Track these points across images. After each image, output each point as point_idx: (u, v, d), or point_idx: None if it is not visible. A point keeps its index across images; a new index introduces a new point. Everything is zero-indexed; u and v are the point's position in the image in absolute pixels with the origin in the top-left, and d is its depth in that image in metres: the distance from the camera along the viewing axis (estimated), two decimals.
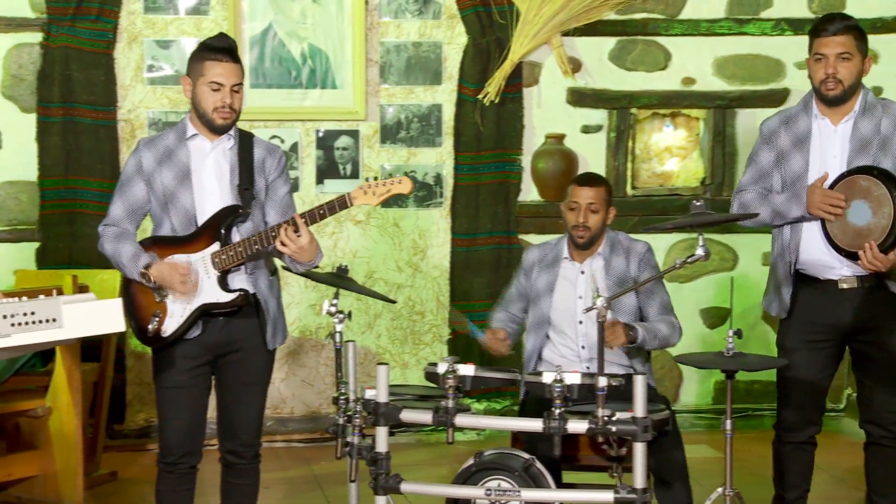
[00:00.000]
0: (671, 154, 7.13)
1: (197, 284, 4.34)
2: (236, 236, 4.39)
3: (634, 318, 4.81)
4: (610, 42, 6.96)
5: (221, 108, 4.35)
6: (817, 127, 4.67)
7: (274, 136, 6.66)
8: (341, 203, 4.33)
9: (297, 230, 4.28)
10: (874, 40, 6.86)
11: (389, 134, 6.84)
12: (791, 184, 4.67)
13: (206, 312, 4.37)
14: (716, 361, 4.36)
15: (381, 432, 4.15)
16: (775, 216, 4.68)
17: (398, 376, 6.78)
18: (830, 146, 4.64)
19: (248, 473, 4.56)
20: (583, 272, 4.87)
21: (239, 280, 4.41)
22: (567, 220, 4.87)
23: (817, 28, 4.65)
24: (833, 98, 4.60)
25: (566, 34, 6.85)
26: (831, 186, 4.55)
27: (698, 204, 4.43)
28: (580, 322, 4.80)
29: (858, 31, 4.62)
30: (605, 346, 4.26)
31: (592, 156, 6.96)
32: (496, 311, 5.09)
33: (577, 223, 4.82)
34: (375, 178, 4.40)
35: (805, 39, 6.51)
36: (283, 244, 4.27)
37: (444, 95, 6.85)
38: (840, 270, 4.61)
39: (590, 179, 4.95)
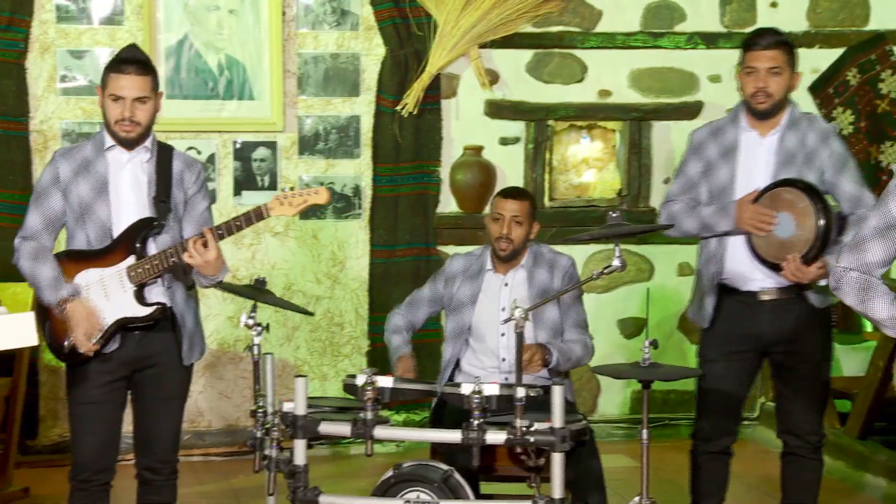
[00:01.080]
0: (588, 166, 7.19)
1: (117, 302, 4.28)
2: (152, 249, 4.33)
3: (556, 332, 4.84)
4: (527, 54, 7.01)
5: (121, 120, 4.29)
6: (745, 139, 4.72)
7: (191, 148, 6.61)
8: (258, 214, 4.31)
9: (206, 244, 4.24)
10: None
11: (307, 145, 6.82)
12: (717, 195, 4.71)
13: (122, 327, 4.32)
14: (632, 372, 4.39)
15: (300, 445, 4.13)
16: (703, 228, 4.72)
17: (317, 388, 6.74)
18: (757, 158, 4.69)
19: (164, 490, 4.50)
20: (506, 284, 4.89)
21: (156, 293, 4.36)
22: (491, 231, 4.89)
23: (749, 42, 4.70)
24: (763, 111, 4.65)
25: (483, 46, 6.88)
26: (756, 199, 4.61)
27: (614, 215, 4.46)
28: (502, 334, 4.82)
29: (789, 46, 4.69)
30: (525, 371, 4.30)
31: (510, 167, 6.99)
32: (395, 315, 5.05)
33: (501, 235, 4.84)
34: (292, 189, 4.38)
35: (718, 53, 6.62)
36: (190, 256, 4.23)
37: (363, 107, 6.84)
38: (762, 282, 4.65)
39: (515, 192, 4.99)
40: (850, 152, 4.73)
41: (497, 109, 6.99)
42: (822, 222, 4.46)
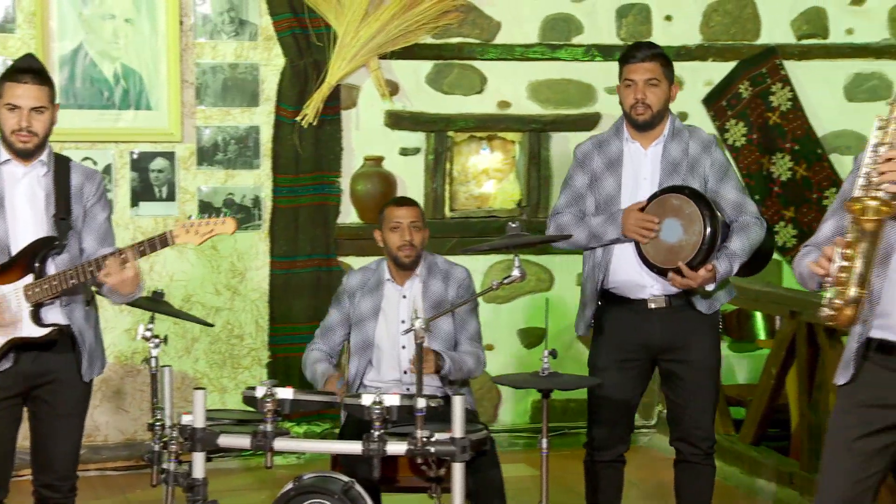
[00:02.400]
0: (488, 176, 7.23)
1: (11, 320, 4.19)
2: (51, 268, 4.24)
3: (449, 344, 4.86)
4: (427, 65, 7.03)
5: (18, 130, 4.21)
6: (628, 150, 4.79)
7: (86, 158, 6.51)
8: (162, 241, 4.26)
9: (124, 262, 4.17)
10: (679, 67, 7.11)
11: (206, 156, 6.76)
12: (604, 206, 4.78)
13: (16, 346, 4.23)
14: (531, 381, 4.42)
15: (198, 458, 4.09)
16: (592, 238, 4.77)
17: (216, 401, 6.68)
18: (641, 169, 4.77)
19: None
20: (404, 297, 4.90)
21: (53, 313, 4.27)
22: (390, 242, 4.88)
23: (626, 55, 4.78)
24: (643, 123, 4.72)
25: (383, 57, 6.89)
26: (645, 204, 4.67)
27: (514, 226, 4.50)
28: (403, 347, 4.82)
29: (665, 58, 4.78)
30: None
31: (411, 178, 7.01)
32: (311, 351, 4.99)
33: (404, 242, 4.84)
34: (204, 215, 4.33)
35: (614, 65, 6.70)
36: (107, 275, 4.16)
37: (262, 117, 6.81)
38: (650, 290, 4.72)
39: (406, 200, 5.03)
40: (730, 161, 4.84)
41: (397, 120, 7.00)
42: (708, 228, 4.55)
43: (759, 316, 7.06)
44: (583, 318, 4.83)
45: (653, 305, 4.72)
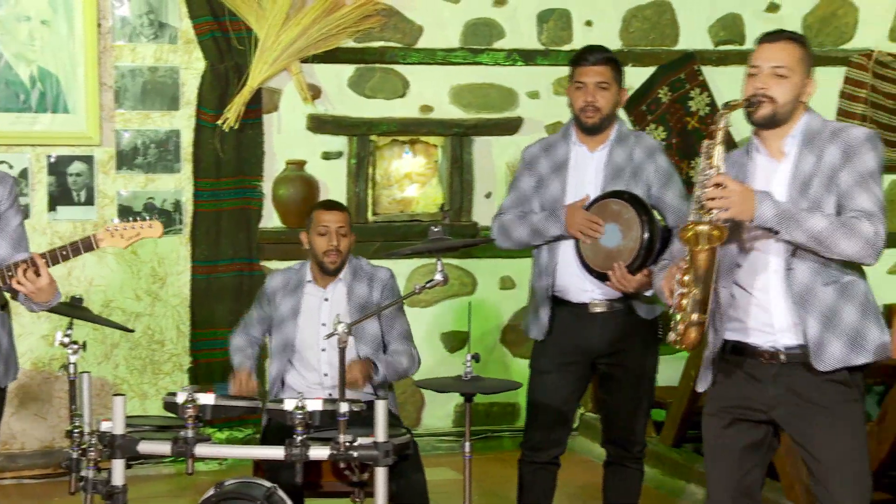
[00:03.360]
0: (411, 180, 7.23)
1: None
2: None
3: (377, 346, 4.86)
4: (349, 69, 7.02)
5: None
6: (575, 154, 4.82)
7: (2, 162, 6.41)
8: (86, 245, 4.19)
9: (37, 271, 4.11)
10: None
11: (126, 160, 6.69)
12: (549, 208, 4.79)
13: None
14: (454, 385, 4.43)
15: (118, 465, 4.04)
16: (534, 235, 4.79)
17: (137, 407, 6.61)
18: (586, 172, 4.79)
19: None
20: (326, 299, 4.89)
21: None
22: (317, 245, 4.87)
23: (578, 58, 4.81)
24: (592, 125, 4.75)
25: (305, 61, 6.87)
26: (586, 208, 4.70)
27: (436, 230, 4.51)
28: (323, 349, 4.81)
29: (616, 62, 4.81)
30: (350, 387, 4.30)
31: (333, 182, 6.99)
32: (235, 336, 5.05)
33: (330, 247, 4.83)
34: (130, 219, 4.28)
35: (536, 70, 6.74)
36: (20, 283, 4.09)
37: (183, 121, 6.75)
38: (592, 294, 4.75)
39: (334, 204, 5.03)
40: (675, 168, 4.89)
41: (319, 124, 6.98)
42: (646, 233, 4.59)
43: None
44: (537, 323, 4.83)
45: (595, 309, 4.75)
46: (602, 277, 4.66)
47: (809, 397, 3.66)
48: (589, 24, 7.27)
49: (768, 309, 3.69)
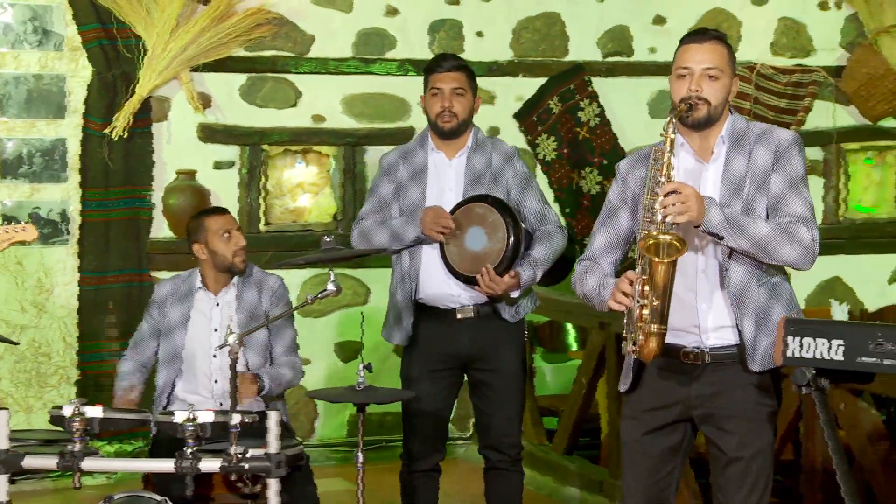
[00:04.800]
0: (304, 190, 7.21)
1: None
2: None
3: (265, 354, 4.84)
4: (240, 78, 6.98)
5: None
6: (433, 161, 4.85)
7: None
8: None
9: None
10: (490, 82, 7.27)
11: (10, 169, 6.56)
12: (409, 215, 4.82)
13: None
14: (347, 395, 4.42)
15: (2, 480, 3.96)
16: (393, 239, 4.80)
17: (22, 421, 6.47)
18: (446, 179, 4.83)
19: None
20: (217, 304, 4.85)
21: None
22: (223, 250, 4.83)
23: (432, 66, 4.86)
24: (449, 131, 4.78)
25: (195, 69, 6.81)
26: (451, 213, 4.72)
27: (328, 240, 4.51)
28: (214, 356, 4.77)
29: (469, 70, 4.87)
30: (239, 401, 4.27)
31: (225, 192, 6.93)
32: (123, 362, 4.95)
33: (240, 248, 4.83)
34: (4, 223, 4.21)
35: None
36: None
37: (69, 130, 6.64)
38: (459, 299, 4.78)
39: (219, 209, 5.04)
40: (532, 172, 4.95)
41: (210, 133, 6.93)
42: (511, 236, 4.64)
43: (570, 327, 7.21)
44: (401, 329, 4.85)
45: (461, 315, 4.78)
46: (469, 281, 4.69)
47: (731, 397, 3.71)
48: (480, 34, 7.32)
49: (696, 310, 3.72)
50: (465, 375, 4.90)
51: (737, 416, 3.71)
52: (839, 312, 6.85)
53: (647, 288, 3.56)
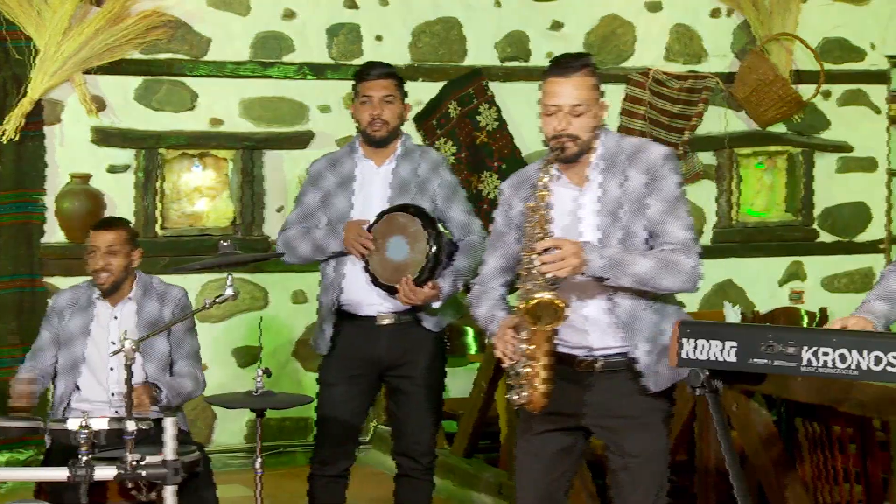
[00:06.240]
0: (201, 194, 7.15)
1: None
2: None
3: (164, 364, 4.78)
4: (135, 81, 6.90)
5: None
6: (361, 169, 4.83)
7: None
8: None
9: None
10: None
11: None
12: (336, 223, 4.80)
13: None
14: (245, 401, 4.40)
15: None
16: (316, 250, 4.79)
17: None
18: (373, 187, 4.81)
19: None
20: (115, 317, 4.78)
21: None
22: (88, 265, 4.77)
23: (362, 73, 4.83)
24: (379, 139, 4.77)
25: (89, 72, 6.72)
26: (374, 223, 4.72)
27: (226, 244, 4.47)
28: (112, 369, 4.71)
29: (399, 77, 4.86)
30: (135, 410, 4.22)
31: (120, 196, 6.85)
32: (22, 368, 4.83)
33: (97, 267, 4.73)
34: None
35: (327, 84, 6.74)
36: None
37: None
38: (379, 307, 4.77)
39: (106, 223, 4.91)
40: (459, 182, 4.97)
41: (105, 137, 6.83)
42: (433, 246, 4.65)
43: (470, 331, 7.24)
44: (322, 338, 4.83)
45: (382, 322, 4.77)
46: (390, 290, 4.70)
47: (621, 405, 3.75)
48: (379, 38, 7.33)
49: (586, 332, 3.75)
50: (384, 381, 4.89)
51: (630, 422, 3.76)
52: (732, 315, 6.96)
53: (532, 349, 3.61)
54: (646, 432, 3.77)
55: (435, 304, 4.73)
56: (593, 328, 3.75)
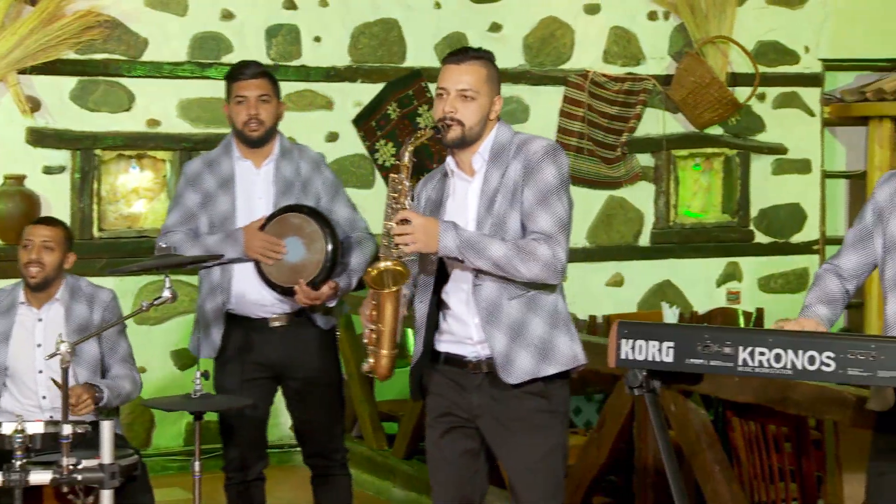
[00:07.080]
0: (139, 196, 7.09)
1: None
2: None
3: (96, 368, 4.72)
4: (71, 81, 6.83)
5: None
6: (240, 169, 4.78)
7: None
8: None
9: None
10: (329, 88, 7.28)
11: None
12: (220, 225, 4.74)
13: None
14: (183, 403, 4.37)
15: None
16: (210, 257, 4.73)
17: None
18: (255, 188, 4.76)
19: None
20: (40, 319, 4.72)
21: None
22: (20, 258, 4.71)
23: (235, 73, 4.77)
24: (256, 139, 4.71)
25: (23, 72, 6.64)
26: (264, 225, 4.66)
27: (164, 246, 4.43)
28: (40, 371, 4.65)
29: (272, 77, 4.83)
30: (74, 412, 4.18)
31: (56, 197, 6.78)
32: None
33: (30, 259, 4.67)
34: None
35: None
36: None
37: None
38: (271, 308, 4.72)
39: (47, 220, 4.89)
40: (340, 179, 4.94)
41: (40, 137, 6.76)
42: (330, 245, 4.63)
43: (410, 333, 7.23)
44: (209, 342, 4.75)
45: (275, 324, 4.73)
46: (287, 292, 4.66)
47: (507, 407, 3.76)
48: (318, 39, 7.31)
49: (466, 323, 3.77)
50: (281, 385, 4.85)
51: (517, 424, 3.76)
52: (670, 315, 7.03)
53: (376, 313, 3.73)
54: (534, 434, 3.76)
55: (332, 303, 4.73)
56: (474, 318, 3.76)
